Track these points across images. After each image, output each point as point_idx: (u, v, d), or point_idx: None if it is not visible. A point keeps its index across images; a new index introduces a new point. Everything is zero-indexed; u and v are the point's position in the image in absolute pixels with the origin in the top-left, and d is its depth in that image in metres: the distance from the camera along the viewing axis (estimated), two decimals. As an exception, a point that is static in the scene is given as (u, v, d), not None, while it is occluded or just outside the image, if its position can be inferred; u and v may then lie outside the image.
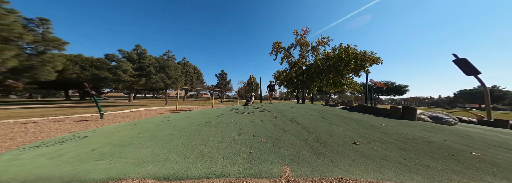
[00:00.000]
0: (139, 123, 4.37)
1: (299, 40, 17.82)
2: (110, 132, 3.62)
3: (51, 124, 6.78)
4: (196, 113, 5.86)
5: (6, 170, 2.17)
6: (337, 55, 13.88)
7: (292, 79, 18.86)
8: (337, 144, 2.98)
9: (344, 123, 4.10)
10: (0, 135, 4.91)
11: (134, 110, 12.92)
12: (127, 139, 3.04)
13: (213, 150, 2.65)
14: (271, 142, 3.03)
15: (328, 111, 5.71)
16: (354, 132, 3.51)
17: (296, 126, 3.82)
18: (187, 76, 42.87)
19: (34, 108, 14.41)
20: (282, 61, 19.39)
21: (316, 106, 7.98)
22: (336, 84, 14.62)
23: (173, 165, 2.18)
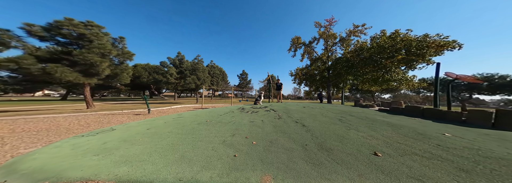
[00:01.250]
0: (157, 119, 4.52)
1: (322, 32, 15.12)
2: (131, 127, 3.80)
3: (118, 117, 7.92)
4: (205, 111, 5.69)
5: (35, 158, 2.39)
6: (376, 44, 10.55)
7: (314, 77, 16.27)
8: (346, 153, 2.24)
9: (369, 129, 3.13)
10: (85, 123, 5.97)
11: (173, 107, 14.07)
12: (134, 134, 3.07)
13: (197, 151, 2.34)
14: (262, 145, 2.53)
15: (351, 113, 4.60)
16: (381, 140, 2.60)
17: (300, 129, 3.15)
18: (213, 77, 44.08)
19: (122, 104, 17.94)
20: (303, 57, 17.03)
21: (339, 106, 6.53)
22: (377, 80, 10.91)
23: (148, 166, 1.97)
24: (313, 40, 15.96)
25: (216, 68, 48.66)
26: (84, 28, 11.76)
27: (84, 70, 11.46)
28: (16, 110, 11.50)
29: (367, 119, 3.80)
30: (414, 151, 2.23)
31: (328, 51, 15.48)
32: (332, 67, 14.17)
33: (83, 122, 6.24)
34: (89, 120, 6.70)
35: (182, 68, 26.47)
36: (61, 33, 11.07)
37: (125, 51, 13.93)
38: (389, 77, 10.37)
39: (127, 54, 13.96)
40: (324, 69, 15.29)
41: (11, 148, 3.15)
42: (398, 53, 9.38)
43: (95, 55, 11.34)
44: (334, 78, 14.13)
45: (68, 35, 11.29)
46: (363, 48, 11.52)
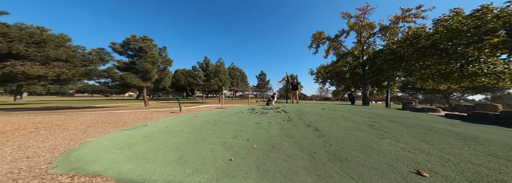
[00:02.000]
0: (178, 118, 4.77)
1: (354, 23, 12.63)
2: (157, 124, 4.13)
3: (159, 114, 8.99)
4: (217, 111, 5.61)
5: (86, 147, 2.80)
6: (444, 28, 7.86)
7: (341, 74, 13.64)
8: (369, 167, 1.70)
9: (419, 140, 2.26)
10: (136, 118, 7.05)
11: (200, 106, 15.11)
12: (154, 131, 3.26)
13: (196, 152, 2.24)
14: (263, 149, 2.22)
15: (392, 118, 3.49)
16: (436, 156, 1.82)
17: (311, 133, 2.65)
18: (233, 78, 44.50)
19: (167, 103, 20.72)
20: (327, 53, 14.61)
21: (374, 109, 5.04)
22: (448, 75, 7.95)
23: (148, 165, 1.98)
24: (340, 33, 13.55)
25: (237, 69, 49.34)
26: (142, 42, 14.12)
27: (142, 76, 13.73)
28: (109, 106, 14.96)
29: (419, 127, 2.79)
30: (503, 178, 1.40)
31: (362, 44, 12.89)
32: (369, 61, 11.71)
33: (136, 117, 7.31)
34: (140, 116, 7.80)
35: (208, 71, 29.32)
36: (129, 47, 13.82)
37: (167, 59, 15.97)
38: (475, 70, 7.21)
39: (168, 61, 16.02)
40: (357, 65, 12.81)
41: (86, 136, 3.92)
42: (491, 36, 6.52)
43: (148, 63, 13.48)
44: (372, 75, 11.46)
45: (133, 49, 13.97)
46: (419, 35, 8.78)
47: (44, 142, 3.44)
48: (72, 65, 13.31)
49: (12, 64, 10.72)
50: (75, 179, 1.80)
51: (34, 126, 5.23)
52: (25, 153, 2.74)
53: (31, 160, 2.43)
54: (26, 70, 10.78)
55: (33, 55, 11.48)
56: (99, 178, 1.78)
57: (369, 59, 11.82)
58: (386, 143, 2.23)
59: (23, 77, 11.35)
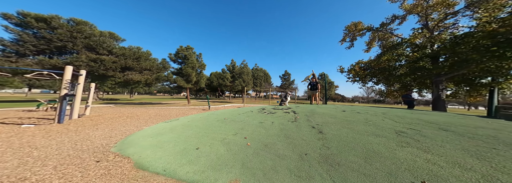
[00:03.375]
0: (200, 114, 5.31)
1: (414, 5, 9.79)
2: (184, 119, 4.79)
3: (193, 110, 10.31)
4: (232, 110, 5.77)
5: (135, 134, 3.68)
6: None
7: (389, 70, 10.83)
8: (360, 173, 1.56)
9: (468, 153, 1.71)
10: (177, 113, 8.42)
11: (226, 105, 16.24)
12: (179, 125, 3.84)
13: (197, 145, 2.53)
14: (255, 147, 2.27)
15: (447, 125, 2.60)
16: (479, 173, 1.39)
17: (312, 135, 2.45)
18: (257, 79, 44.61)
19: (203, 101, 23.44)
20: (370, 46, 12.26)
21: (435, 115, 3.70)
22: None
23: (159, 153, 2.41)
24: (390, 20, 10.99)
25: (260, 70, 49.06)
26: (186, 51, 16.74)
27: (186, 79, 16.29)
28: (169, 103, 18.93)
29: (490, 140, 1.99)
30: None
31: (431, 29, 9.87)
32: (446, 50, 8.38)
33: (178, 112, 8.72)
34: (181, 112, 9.21)
35: (234, 73, 31.24)
36: (179, 56, 16.77)
37: (202, 63, 18.28)
38: None
39: (203, 65, 18.35)
40: (422, 57, 9.68)
41: (145, 125, 5.06)
42: None
43: (189, 68, 15.97)
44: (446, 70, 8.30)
45: (181, 57, 16.83)
46: None
47: (124, 126, 4.65)
48: (152, 73, 18.73)
49: (127, 74, 16.81)
50: (115, 158, 2.41)
51: (127, 115, 7.16)
52: (111, 133, 3.83)
53: (111, 139, 3.36)
54: (133, 77, 16.77)
55: (136, 67, 17.31)
56: (127, 159, 2.33)
57: (445, 48, 8.43)
58: (405, 152, 1.83)
59: (132, 82, 17.63)
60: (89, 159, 2.30)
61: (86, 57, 14.68)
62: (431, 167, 1.50)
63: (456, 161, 1.55)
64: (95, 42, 15.66)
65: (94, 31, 16.09)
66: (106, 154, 2.50)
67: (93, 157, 2.38)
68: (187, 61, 16.23)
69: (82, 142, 3.12)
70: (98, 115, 6.87)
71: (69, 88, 5.01)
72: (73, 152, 2.57)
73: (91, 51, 15.85)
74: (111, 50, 16.73)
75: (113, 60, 16.03)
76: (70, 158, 2.30)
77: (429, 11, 9.67)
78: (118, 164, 2.16)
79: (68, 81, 4.96)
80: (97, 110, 9.05)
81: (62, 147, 2.79)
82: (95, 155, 2.45)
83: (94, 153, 2.53)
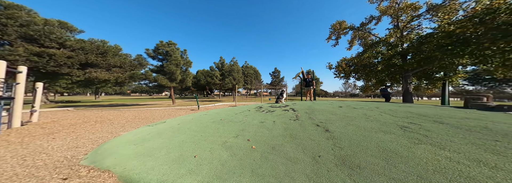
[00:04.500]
0: (190, 116, 4.96)
1: (387, 7, 11.18)
2: (172, 121, 4.40)
3: (181, 111, 9.72)
4: (226, 109, 5.56)
5: (112, 141, 3.20)
6: None
7: (370, 66, 11.96)
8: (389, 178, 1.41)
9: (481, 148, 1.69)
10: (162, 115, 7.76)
11: (216, 104, 15.82)
12: (167, 128, 3.47)
13: (195, 152, 2.26)
14: (262, 151, 2.08)
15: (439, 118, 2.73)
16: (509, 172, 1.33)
17: (319, 135, 2.36)
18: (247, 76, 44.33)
19: (190, 101, 22.50)
20: (352, 44, 13.34)
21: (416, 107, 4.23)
22: None
23: (150, 163, 2.08)
24: (368, 20, 12.12)
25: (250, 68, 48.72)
26: (168, 47, 15.47)
27: (169, 77, 15.20)
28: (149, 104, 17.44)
29: (485, 132, 2.08)
30: None
31: (401, 29, 11.11)
32: (413, 49, 9.82)
33: (163, 114, 8.07)
34: (166, 113, 8.57)
35: (223, 71, 30.36)
36: (159, 52, 15.34)
37: (187, 61, 17.16)
38: None
39: (188, 62, 17.27)
40: (394, 55, 10.97)
41: (121, 130, 4.48)
42: None
43: (173, 65, 14.80)
44: (417, 65, 9.60)
45: (162, 53, 15.45)
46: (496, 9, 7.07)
47: (94, 134, 4.05)
48: (124, 70, 16.46)
49: (89, 71, 14.22)
50: (90, 173, 2.02)
51: (95, 119, 6.29)
52: (77, 143, 3.26)
53: (77, 150, 2.85)
54: (98, 75, 14.36)
55: (101, 63, 14.89)
56: (107, 173, 1.96)
57: (412, 46, 9.81)
58: (422, 150, 1.77)
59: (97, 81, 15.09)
60: (50, 177, 1.88)
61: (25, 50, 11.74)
62: (458, 167, 1.44)
63: (476, 158, 1.54)
64: (37, 31, 12.61)
65: (35, 19, 12.86)
66: (75, 169, 2.09)
67: (56, 174, 1.95)
68: (169, 57, 15.12)
69: (33, 156, 2.55)
70: (53, 121, 5.87)
71: (3, 89, 4.04)
72: (21, 170, 2.07)
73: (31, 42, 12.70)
74: (64, 42, 13.90)
75: (68, 55, 13.32)
76: (19, 179, 1.83)
77: (400, 13, 10.89)
78: (96, 180, 1.81)
79: (1, 80, 3.98)
80: (50, 115, 7.63)
81: (3, 165, 2.21)
82: (58, 172, 2.01)
83: (57, 169, 2.08)
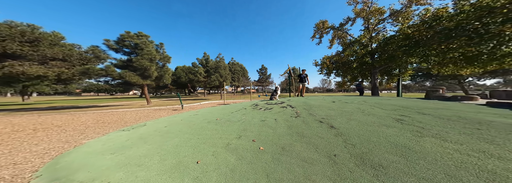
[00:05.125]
0: (177, 116, 4.55)
1: (361, 9, 12.35)
2: (155, 123, 3.93)
3: (161, 112, 8.91)
4: (218, 108, 5.35)
5: (76, 152, 2.64)
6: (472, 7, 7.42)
7: (348, 64, 13.34)
8: (416, 176, 1.36)
9: (474, 137, 1.87)
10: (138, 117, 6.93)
11: (202, 103, 15.07)
12: (151, 132, 3.07)
13: (197, 156, 2.01)
14: (271, 152, 1.96)
15: (423, 110, 3.09)
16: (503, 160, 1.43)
17: (326, 131, 2.35)
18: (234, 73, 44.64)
19: (170, 100, 20.93)
20: (332, 43, 14.48)
21: (394, 100, 4.76)
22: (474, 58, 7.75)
23: (141, 173, 1.76)
24: (345, 21, 13.29)
25: (237, 64, 49.08)
26: (137, 39, 13.75)
27: (141, 73, 13.60)
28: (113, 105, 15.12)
29: (463, 121, 2.36)
30: None
31: (370, 31, 12.51)
32: (379, 49, 11.34)
33: (137, 116, 7.23)
34: (141, 115, 7.73)
35: (208, 67, 29.14)
36: (124, 44, 13.45)
37: (165, 55, 15.62)
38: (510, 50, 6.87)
39: (166, 57, 15.67)
40: (366, 54, 12.40)
41: (82, 138, 3.81)
42: None
43: (146, 60, 13.21)
44: (383, 63, 11.15)
45: (129, 46, 13.62)
46: (440, 17, 8.29)
47: (37, 145, 3.33)
48: (71, 64, 13.33)
49: (10, 64, 10.75)
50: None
51: (33, 127, 5.20)
52: (14, 158, 2.61)
53: (17, 167, 2.28)
54: (25, 70, 10.91)
55: (30, 54, 11.49)
56: (83, 190, 1.58)
57: (379, 47, 11.34)
58: (429, 143, 1.82)
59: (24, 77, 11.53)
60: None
61: None
62: (472, 160, 1.49)
63: (479, 148, 1.65)
64: None
65: None
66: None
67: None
68: (141, 51, 13.52)
69: None
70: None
71: None
72: None
73: None
74: None
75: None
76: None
77: (370, 16, 12.25)
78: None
79: None
80: None
81: None
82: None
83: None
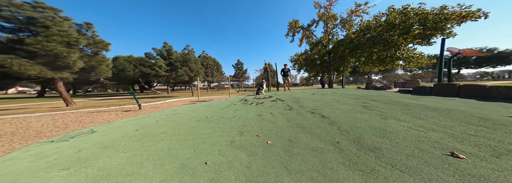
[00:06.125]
0: (147, 117, 4.00)
1: (322, 14, 14.64)
2: (116, 128, 3.29)
3: (104, 114, 7.30)
4: (202, 105, 5.20)
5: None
6: (385, 22, 10.30)
7: (314, 61, 16.04)
8: (405, 155, 1.72)
9: (412, 116, 2.65)
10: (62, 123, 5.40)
11: (167, 101, 13.54)
12: (119, 138, 2.57)
13: (202, 157, 1.88)
14: (281, 145, 2.09)
15: (373, 97, 4.20)
16: (442, 133, 2.07)
17: (320, 121, 2.73)
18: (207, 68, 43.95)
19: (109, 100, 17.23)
20: (301, 42, 16.68)
21: (352, 91, 6.29)
22: (384, 60, 10.89)
23: (140, 182, 1.48)
24: (312, 23, 15.47)
25: (209, 58, 47.85)
26: (32, 11, 10.05)
27: (49, 62, 10.15)
28: None
29: (398, 104, 3.35)
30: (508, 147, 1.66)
31: (328, 34, 15.13)
32: (334, 50, 14.00)
33: (60, 123, 5.61)
34: (67, 120, 6.06)
35: (171, 60, 25.65)
36: (1, 15, 9.45)
37: (97, 40, 12.36)
38: (399, 55, 10.29)
39: (101, 43, 12.36)
40: (325, 53, 15.06)
41: None
42: (413, 29, 9.16)
43: (58, 44, 10.02)
44: (336, 62, 14.04)
45: (12, 18, 9.65)
46: (370, 27, 11.16)
47: None
48: None
49: None
50: None
51: None
52: None
53: None
54: None
55: None
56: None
57: (334, 48, 13.95)
58: (393, 124, 2.42)
59: None
60: None
61: None
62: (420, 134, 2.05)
63: (418, 124, 2.37)
64: None
65: None
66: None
67: None
68: (44, 30, 9.97)
69: None
70: None
71: None
72: None
73: None
74: None
75: None
76: None
77: (328, 20, 14.80)
78: None
79: None
80: None
81: None
82: None
83: None
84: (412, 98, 3.97)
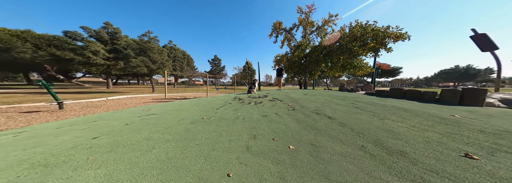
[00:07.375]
0: (101, 119, 3.14)
1: (303, 19, 16.27)
2: (43, 136, 2.39)
3: None
4: (188, 104, 4.68)
5: None
6: (350, 33, 12.52)
7: (294, 63, 17.76)
8: (429, 157, 1.77)
9: (396, 116, 3.00)
10: None
11: (112, 98, 11.24)
12: (65, 150, 1.87)
13: (219, 168, 1.56)
14: (306, 151, 1.96)
15: (355, 98, 4.81)
16: (432, 132, 2.31)
17: (330, 122, 2.78)
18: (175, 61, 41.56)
19: None
20: (283, 44, 18.26)
21: (336, 92, 7.17)
22: (346, 66, 13.44)
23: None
24: (293, 26, 16.95)
25: (178, 50, 44.47)
26: None
27: None
28: None
29: (378, 105, 3.84)
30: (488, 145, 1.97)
31: (307, 39, 16.79)
32: (310, 54, 15.67)
33: None
34: None
35: (118, 46, 21.61)
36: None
37: None
38: (356, 64, 13.11)
39: None
40: (303, 57, 16.65)
41: None
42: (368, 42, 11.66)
43: None
44: (311, 65, 15.73)
45: None
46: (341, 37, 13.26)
47: None
48: None
49: None
50: None
51: None
52: None
53: None
54: None
55: None
56: None
57: (310, 52, 15.84)
58: (393, 125, 2.64)
59: None
60: None
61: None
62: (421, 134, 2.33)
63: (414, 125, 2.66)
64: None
65: None
66: None
67: None
68: None
69: None
70: None
71: None
72: None
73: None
74: None
75: None
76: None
77: (307, 26, 16.53)
78: None
79: None
80: None
81: None
82: None
83: None
84: (381, 100, 4.77)
